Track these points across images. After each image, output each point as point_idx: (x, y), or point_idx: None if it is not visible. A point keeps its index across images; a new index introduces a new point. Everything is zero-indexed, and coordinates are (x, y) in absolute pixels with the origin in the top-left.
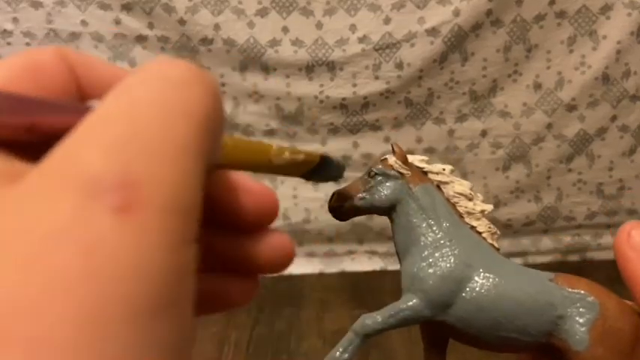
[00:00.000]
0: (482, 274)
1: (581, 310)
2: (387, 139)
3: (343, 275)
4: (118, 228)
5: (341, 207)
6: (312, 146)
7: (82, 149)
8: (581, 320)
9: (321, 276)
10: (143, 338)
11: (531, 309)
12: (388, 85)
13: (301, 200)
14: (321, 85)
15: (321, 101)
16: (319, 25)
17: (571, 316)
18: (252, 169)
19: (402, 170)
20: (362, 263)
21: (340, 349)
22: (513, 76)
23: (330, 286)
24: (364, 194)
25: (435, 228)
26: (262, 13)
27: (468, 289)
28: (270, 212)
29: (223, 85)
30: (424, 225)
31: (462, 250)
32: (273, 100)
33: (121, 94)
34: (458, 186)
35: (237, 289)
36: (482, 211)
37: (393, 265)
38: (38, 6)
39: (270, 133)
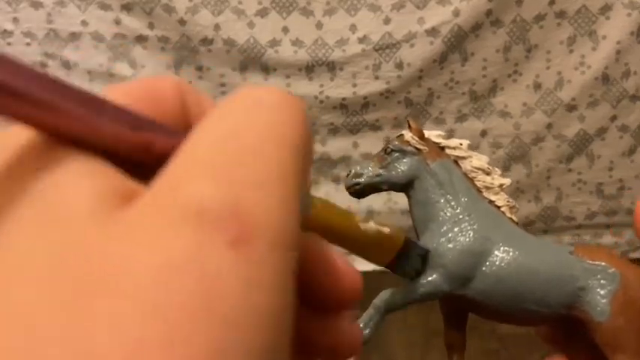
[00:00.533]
0: (501, 247)
1: (602, 281)
2: (387, 139)
3: None
4: (234, 262)
5: (357, 184)
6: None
7: (186, 175)
8: (602, 292)
9: None
10: None
11: (552, 281)
12: (388, 85)
13: None
14: (321, 85)
15: (321, 101)
16: (319, 26)
17: (592, 287)
18: (338, 236)
19: (418, 146)
20: (362, 263)
21: (361, 325)
22: (513, 76)
23: None
24: (381, 171)
25: (453, 203)
26: (262, 13)
27: (487, 262)
28: (352, 297)
29: (223, 85)
30: (442, 200)
31: (480, 224)
32: None
33: (219, 118)
34: (476, 160)
35: None
36: (501, 185)
37: None
38: (38, 6)
39: None
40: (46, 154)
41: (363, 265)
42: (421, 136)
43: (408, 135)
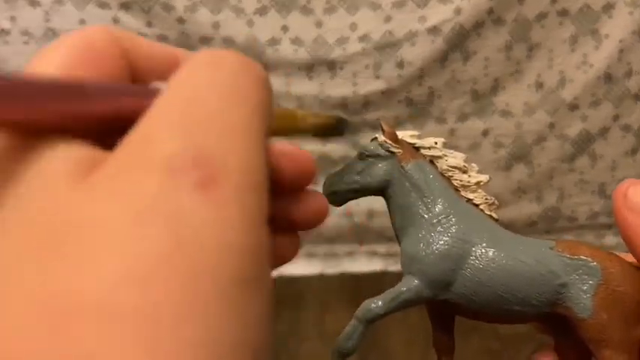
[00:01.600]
0: (481, 249)
1: (583, 276)
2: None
3: (343, 276)
4: (201, 203)
5: (335, 192)
6: (311, 146)
7: (157, 131)
8: (584, 287)
9: (321, 277)
10: (233, 310)
11: (532, 280)
12: (389, 84)
13: None
14: (321, 84)
15: (321, 100)
16: (319, 24)
17: (574, 283)
18: (282, 134)
19: (392, 149)
20: (362, 264)
21: (345, 338)
22: (515, 75)
23: (331, 287)
24: (356, 177)
25: (430, 206)
26: (262, 11)
27: (467, 265)
28: (308, 173)
29: None
30: (419, 203)
31: (459, 226)
32: (272, 99)
33: (185, 80)
34: (451, 159)
35: (284, 246)
36: (478, 183)
37: (394, 266)
38: (36, 5)
39: None
40: (21, 141)
41: (361, 267)
42: (394, 139)
43: (381, 138)
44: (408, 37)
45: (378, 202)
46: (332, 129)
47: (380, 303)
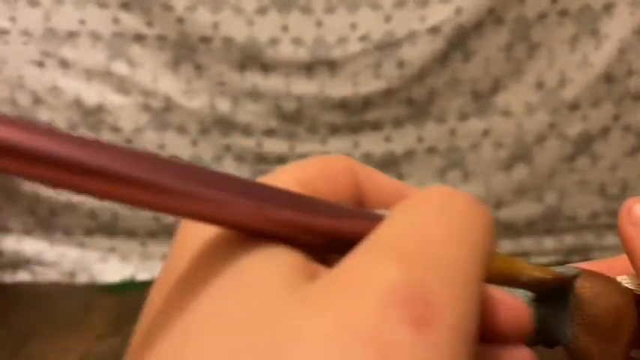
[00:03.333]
0: None
1: (560, 303)
2: (387, 139)
3: None
4: (414, 341)
5: None
6: (311, 146)
7: (378, 257)
8: (561, 314)
9: None
10: None
11: None
12: (389, 84)
13: None
14: (322, 84)
15: (321, 100)
16: (319, 24)
17: (553, 311)
18: (500, 282)
19: None
20: None
21: None
22: (515, 75)
23: None
24: None
25: None
26: (262, 11)
27: None
28: (522, 327)
29: (222, 83)
30: None
31: None
32: (272, 100)
33: (411, 212)
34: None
35: None
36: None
37: None
38: (36, 4)
39: (270, 132)
40: (238, 242)
41: None
42: None
43: None
44: (408, 36)
45: None
46: (552, 288)
47: None
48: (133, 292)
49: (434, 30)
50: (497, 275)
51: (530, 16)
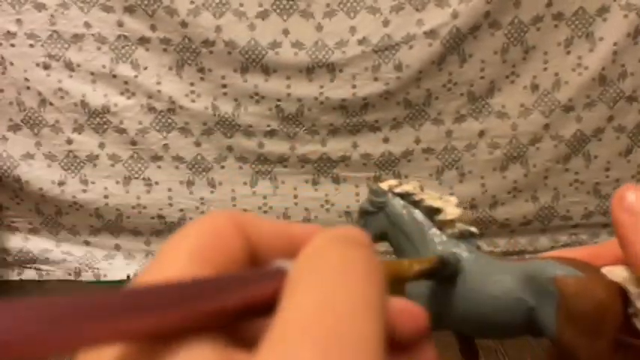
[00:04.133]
0: (457, 290)
1: (546, 299)
2: (386, 140)
3: None
4: None
5: None
6: (311, 147)
7: (293, 346)
8: (547, 309)
9: None
10: None
11: (505, 310)
12: (387, 86)
13: (301, 200)
14: (321, 87)
15: (321, 102)
16: (319, 28)
17: (540, 306)
18: (392, 286)
19: (379, 205)
20: None
21: None
22: (511, 78)
23: None
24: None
25: (417, 247)
26: (263, 15)
27: (448, 306)
28: (422, 329)
29: (224, 86)
30: (409, 246)
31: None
32: (273, 101)
33: (313, 282)
34: (428, 200)
35: None
36: (452, 221)
37: None
38: (41, 8)
39: (271, 133)
40: (150, 347)
41: None
42: (381, 192)
43: (369, 195)
44: (406, 40)
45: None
46: (439, 271)
47: None
48: None
49: (431, 33)
50: (389, 282)
51: (525, 19)
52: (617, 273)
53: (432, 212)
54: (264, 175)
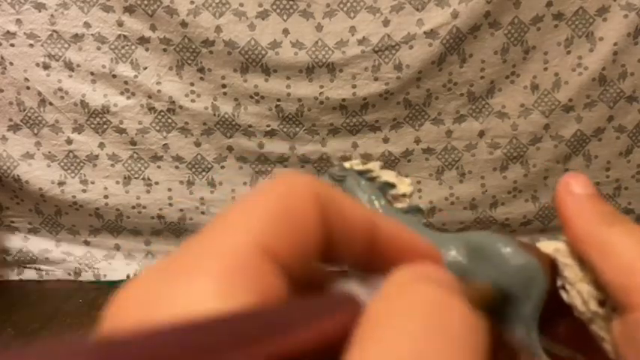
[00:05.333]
0: None
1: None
2: (386, 140)
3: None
4: None
5: None
6: (311, 147)
7: None
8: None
9: None
10: None
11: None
12: (387, 86)
13: None
14: (321, 87)
15: (321, 102)
16: (319, 28)
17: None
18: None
19: (338, 178)
20: None
21: None
22: (511, 78)
23: None
24: None
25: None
26: (263, 15)
27: None
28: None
29: (224, 86)
30: None
31: None
32: (273, 101)
33: (395, 337)
34: (384, 176)
35: None
36: (404, 195)
37: None
38: (41, 8)
39: (271, 133)
40: None
41: None
42: (342, 168)
43: (332, 169)
44: (406, 40)
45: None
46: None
47: None
48: None
49: (431, 33)
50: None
51: (525, 19)
52: (549, 244)
53: (386, 187)
54: (265, 175)
